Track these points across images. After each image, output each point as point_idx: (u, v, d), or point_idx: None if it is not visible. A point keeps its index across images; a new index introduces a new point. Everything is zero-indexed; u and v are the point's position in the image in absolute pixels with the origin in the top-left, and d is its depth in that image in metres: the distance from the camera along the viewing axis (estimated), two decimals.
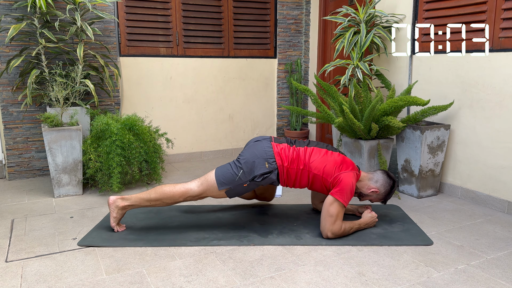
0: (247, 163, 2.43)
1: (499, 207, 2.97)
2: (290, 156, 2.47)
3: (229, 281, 2.00)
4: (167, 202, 2.49)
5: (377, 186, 2.56)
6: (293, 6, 4.80)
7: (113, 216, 2.53)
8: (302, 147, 2.53)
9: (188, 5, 4.26)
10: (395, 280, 2.01)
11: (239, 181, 2.43)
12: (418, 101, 3.02)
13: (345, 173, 2.43)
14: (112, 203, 2.51)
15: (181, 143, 4.50)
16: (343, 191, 2.39)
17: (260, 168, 2.41)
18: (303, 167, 2.47)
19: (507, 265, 2.16)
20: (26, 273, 2.07)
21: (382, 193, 2.57)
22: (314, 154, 2.50)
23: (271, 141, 2.53)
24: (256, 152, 2.46)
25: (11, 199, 3.19)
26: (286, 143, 2.54)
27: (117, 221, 2.54)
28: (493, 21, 2.92)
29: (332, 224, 2.40)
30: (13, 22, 3.53)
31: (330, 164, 2.46)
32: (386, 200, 2.61)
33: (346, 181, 2.40)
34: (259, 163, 2.42)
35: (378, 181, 2.57)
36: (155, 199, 2.47)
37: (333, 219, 2.39)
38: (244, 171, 2.42)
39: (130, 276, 2.04)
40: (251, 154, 2.46)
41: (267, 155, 2.45)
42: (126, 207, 2.51)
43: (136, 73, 4.17)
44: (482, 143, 3.06)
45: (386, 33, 3.48)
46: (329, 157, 2.49)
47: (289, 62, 4.86)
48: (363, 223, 2.58)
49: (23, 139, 3.73)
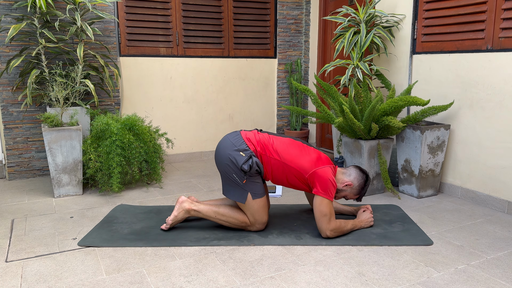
0: (228, 164, 2.43)
1: (499, 207, 2.97)
2: (257, 140, 2.47)
3: (229, 281, 2.00)
4: (231, 222, 2.53)
5: (350, 180, 2.55)
6: (293, 6, 4.80)
7: (174, 214, 2.55)
8: (268, 134, 2.55)
9: (188, 5, 4.26)
10: (395, 280, 2.01)
11: (239, 181, 2.43)
12: (418, 101, 3.02)
13: (321, 169, 2.42)
14: (180, 202, 2.57)
15: (181, 143, 4.50)
16: (325, 187, 2.39)
17: (240, 159, 2.40)
18: (278, 158, 2.44)
19: (507, 265, 2.16)
20: (26, 273, 2.07)
21: (356, 186, 2.55)
22: (281, 142, 2.48)
23: (239, 132, 2.54)
24: (225, 149, 2.45)
25: (11, 199, 3.19)
26: (255, 130, 2.58)
27: (174, 221, 2.56)
28: (493, 21, 2.92)
29: (328, 222, 2.40)
30: (13, 22, 3.53)
31: (305, 158, 2.45)
32: (361, 195, 2.59)
33: (325, 176, 2.40)
34: (235, 156, 2.41)
35: (351, 175, 2.56)
36: (222, 214, 2.53)
37: (327, 218, 2.40)
38: (234, 171, 2.42)
39: (130, 276, 2.04)
40: (221, 154, 2.46)
41: (238, 145, 2.44)
42: (190, 210, 2.55)
43: (136, 73, 4.17)
44: (482, 143, 3.06)
45: (386, 33, 3.48)
46: (304, 151, 2.48)
47: (289, 62, 4.86)
48: (359, 221, 2.59)
49: (23, 139, 3.73)
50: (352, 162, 3.32)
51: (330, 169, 2.46)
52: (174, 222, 2.57)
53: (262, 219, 2.50)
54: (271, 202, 3.15)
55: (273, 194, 3.30)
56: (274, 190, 3.34)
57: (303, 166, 2.44)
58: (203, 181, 3.74)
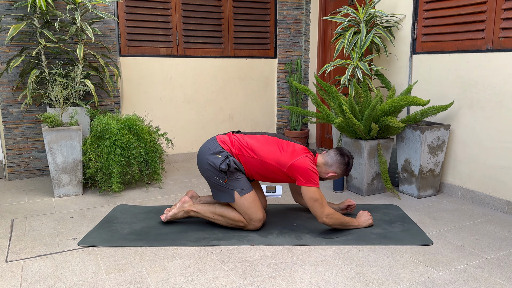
0: (208, 168, 2.48)
1: (499, 207, 2.97)
2: (231, 141, 2.52)
3: (229, 281, 2.00)
4: (228, 222, 2.56)
5: (333, 170, 2.58)
6: (293, 6, 4.80)
7: (174, 212, 2.61)
8: (243, 134, 2.58)
9: (188, 5, 4.26)
10: (395, 280, 2.01)
11: (221, 182, 2.47)
12: (418, 101, 3.02)
13: (297, 161, 2.43)
14: (182, 202, 2.62)
15: (181, 143, 4.50)
16: (307, 176, 2.40)
17: (217, 161, 2.45)
18: (255, 156, 2.47)
19: (507, 265, 2.16)
20: (26, 273, 2.07)
21: (340, 173, 2.60)
22: (256, 141, 2.51)
23: (215, 137, 2.59)
24: (203, 155, 2.52)
25: (11, 199, 3.19)
26: (230, 132, 2.61)
27: (173, 218, 2.62)
28: (493, 21, 2.92)
29: (321, 207, 2.42)
30: (13, 22, 3.53)
31: (281, 153, 2.47)
32: (347, 175, 2.66)
33: (303, 167, 2.41)
34: (212, 159, 2.46)
35: (333, 164, 2.58)
36: (219, 214, 2.55)
37: (319, 202, 2.41)
38: (215, 174, 2.47)
39: (130, 276, 2.04)
40: (201, 160, 2.53)
41: (214, 149, 2.49)
42: (190, 211, 2.61)
43: (136, 73, 4.17)
44: (482, 143, 3.06)
45: (386, 33, 3.48)
46: (279, 146, 2.49)
47: (289, 62, 4.86)
48: (357, 220, 2.61)
49: (23, 139, 3.73)
50: None
51: (307, 158, 2.46)
52: (173, 219, 2.65)
53: (256, 216, 2.50)
54: (271, 202, 3.15)
55: (273, 194, 3.30)
56: (274, 190, 3.34)
57: (280, 161, 2.46)
58: (203, 181, 3.74)
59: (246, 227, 2.54)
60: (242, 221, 2.52)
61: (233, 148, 2.50)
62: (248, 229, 2.55)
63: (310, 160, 2.47)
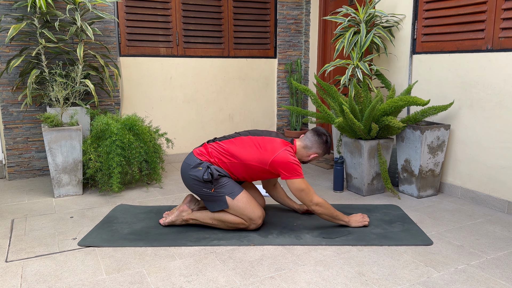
0: (194, 183, 2.50)
1: (499, 207, 2.97)
2: (208, 152, 2.54)
3: (229, 281, 2.00)
4: (229, 226, 2.56)
5: (313, 151, 2.60)
6: (293, 6, 4.80)
7: (172, 220, 2.62)
8: (218, 141, 2.59)
9: (188, 5, 4.26)
10: (395, 280, 2.01)
11: (210, 192, 2.48)
12: (418, 101, 3.02)
13: (277, 156, 2.43)
14: (180, 211, 2.62)
15: (181, 143, 4.50)
16: (289, 169, 2.41)
17: (199, 173, 2.46)
18: (235, 160, 2.49)
19: (507, 265, 2.16)
20: (26, 273, 2.07)
21: (321, 153, 2.63)
22: (233, 145, 2.52)
23: (191, 151, 2.61)
24: (185, 172, 2.54)
25: (11, 199, 3.19)
26: (205, 143, 2.64)
27: (170, 223, 2.64)
28: (493, 21, 2.92)
29: (308, 196, 2.43)
30: (13, 22, 3.53)
31: (260, 152, 2.47)
32: (328, 152, 2.68)
33: (284, 161, 2.42)
34: (194, 172, 2.48)
35: (313, 146, 2.59)
36: (218, 219, 2.55)
37: (305, 192, 2.42)
38: (201, 186, 2.48)
39: (130, 276, 2.04)
40: (185, 177, 2.55)
41: (193, 163, 2.52)
42: (189, 220, 2.61)
43: (136, 73, 4.17)
44: (482, 143, 3.06)
45: (386, 33, 3.48)
46: (257, 145, 2.50)
47: (289, 62, 4.86)
48: (348, 218, 2.61)
49: (23, 139, 3.73)
50: (352, 162, 3.32)
51: (286, 151, 2.46)
52: (170, 225, 2.65)
53: (254, 214, 2.49)
54: (272, 202, 3.15)
55: None
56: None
57: (260, 160, 2.47)
58: None
59: (248, 227, 2.54)
60: (242, 223, 2.51)
61: (212, 158, 2.52)
62: (250, 229, 2.55)
63: (289, 152, 2.47)
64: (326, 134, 2.63)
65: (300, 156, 2.61)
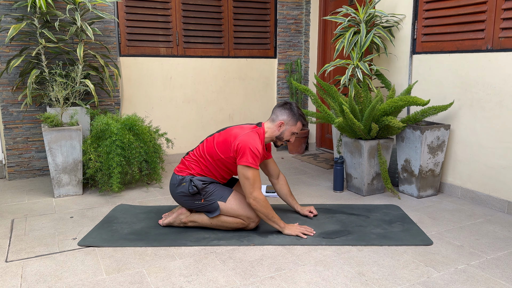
0: (184, 200, 2.54)
1: (499, 207, 2.97)
2: (187, 164, 2.57)
3: (229, 281, 2.00)
4: (228, 226, 2.55)
5: (280, 119, 2.53)
6: (293, 6, 4.80)
7: (170, 221, 2.63)
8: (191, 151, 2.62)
9: (188, 5, 4.26)
10: (395, 280, 2.01)
11: (201, 203, 2.50)
12: (418, 101, 3.02)
13: (239, 139, 2.39)
14: (179, 214, 2.62)
15: (181, 143, 4.50)
16: (244, 155, 2.35)
17: (184, 188, 2.50)
18: (211, 160, 2.49)
19: (507, 265, 2.16)
20: (26, 273, 2.07)
21: (287, 119, 2.53)
22: (209, 144, 2.52)
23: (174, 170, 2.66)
24: (173, 192, 2.57)
25: (11, 199, 3.19)
26: (182, 158, 2.65)
27: (168, 224, 2.64)
28: (493, 21, 2.92)
29: (250, 187, 2.37)
30: (13, 22, 3.53)
31: (228, 142, 2.44)
32: (301, 121, 2.56)
33: (243, 144, 2.36)
34: (180, 189, 2.52)
35: (277, 116, 2.54)
36: (217, 220, 2.54)
37: (250, 182, 2.36)
38: (191, 199, 2.51)
39: (130, 276, 2.04)
40: (175, 197, 2.59)
41: (176, 181, 2.55)
42: (187, 222, 2.61)
43: (136, 73, 4.17)
44: (482, 143, 3.06)
45: (386, 33, 3.48)
46: (227, 137, 2.46)
47: (289, 62, 4.86)
48: (285, 224, 2.51)
49: (23, 139, 3.73)
50: (352, 162, 3.32)
51: (249, 134, 2.41)
52: (167, 224, 2.66)
53: (251, 213, 2.49)
54: (272, 202, 3.14)
55: (273, 194, 3.30)
56: (273, 190, 3.34)
57: (228, 149, 2.44)
58: None
59: (248, 226, 2.54)
60: (241, 223, 2.51)
61: (191, 170, 2.53)
62: (250, 228, 2.55)
63: (252, 135, 2.41)
64: (290, 102, 2.57)
65: (271, 132, 2.54)
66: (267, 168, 2.79)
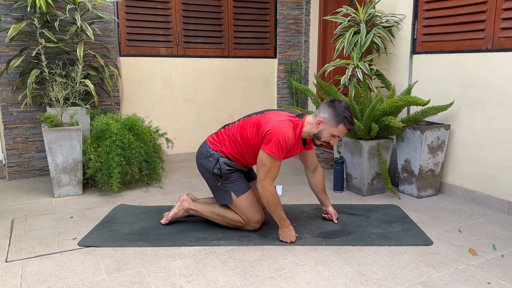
0: (204, 172, 2.51)
1: (499, 207, 2.97)
2: (221, 139, 2.49)
3: (229, 281, 2.00)
4: (227, 222, 2.55)
5: (320, 117, 2.30)
6: (293, 6, 4.80)
7: (174, 211, 2.61)
8: (227, 126, 2.53)
9: (188, 5, 4.26)
10: (395, 280, 2.01)
11: (217, 184, 2.49)
12: (418, 101, 3.02)
13: (270, 126, 2.24)
14: (181, 201, 2.62)
15: (181, 143, 4.50)
16: (269, 142, 2.23)
17: (209, 164, 2.46)
18: (241, 142, 2.40)
19: (507, 265, 2.16)
20: (26, 273, 2.07)
21: (329, 119, 2.29)
22: (242, 124, 2.42)
23: (206, 138, 2.58)
24: (199, 160, 2.54)
25: (11, 199, 3.19)
26: (219, 129, 2.57)
27: (174, 218, 2.62)
28: (493, 21, 2.92)
29: (264, 174, 2.27)
30: (13, 22, 3.53)
31: (257, 125, 2.33)
32: (346, 126, 2.30)
33: (272, 133, 2.22)
34: (206, 162, 2.48)
35: (320, 112, 2.31)
36: (218, 214, 2.55)
37: (265, 169, 2.26)
38: (210, 177, 2.49)
39: (130, 276, 2.04)
40: (198, 164, 2.56)
41: (206, 152, 2.49)
42: (190, 210, 2.61)
43: (136, 73, 4.17)
44: (482, 143, 3.06)
45: (386, 33, 3.48)
46: (256, 119, 2.35)
47: (289, 62, 4.86)
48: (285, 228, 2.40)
49: (23, 139, 3.73)
50: (352, 162, 3.32)
51: (282, 122, 2.24)
52: (174, 219, 2.65)
53: (254, 218, 2.49)
54: None
55: None
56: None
57: (257, 134, 2.32)
58: (203, 181, 3.74)
59: (245, 227, 2.54)
60: (240, 222, 2.52)
61: (223, 146, 2.47)
62: (246, 229, 2.55)
63: (285, 124, 2.24)
64: (340, 100, 2.31)
65: (309, 128, 2.34)
66: (305, 158, 2.63)
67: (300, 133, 2.34)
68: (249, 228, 2.53)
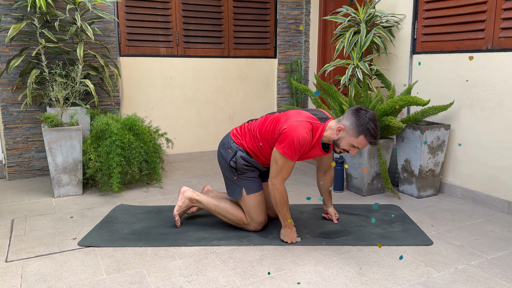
0: (221, 161, 2.53)
1: (499, 207, 2.97)
2: (243, 133, 2.49)
3: (229, 281, 2.00)
4: (229, 218, 2.55)
5: (342, 124, 2.19)
6: (293, 6, 4.80)
7: (178, 205, 2.61)
8: (251, 121, 2.52)
9: (188, 5, 4.26)
10: (395, 280, 2.01)
11: (232, 178, 2.50)
12: (418, 101, 3.02)
13: (287, 124, 2.20)
14: (182, 192, 2.62)
15: (181, 143, 4.50)
16: (284, 141, 2.19)
17: (227, 155, 2.48)
18: (260, 138, 2.37)
19: (507, 265, 2.16)
20: (26, 273, 2.07)
21: (350, 128, 2.17)
22: (264, 120, 2.39)
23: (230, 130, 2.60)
24: (219, 148, 2.57)
25: (11, 199, 3.19)
26: (244, 123, 2.58)
27: (180, 211, 2.61)
28: (493, 21, 2.92)
29: (275, 172, 2.26)
30: (13, 22, 3.53)
31: (275, 121, 2.31)
32: (367, 139, 2.16)
33: (288, 132, 2.18)
34: (225, 153, 2.50)
35: (343, 119, 2.20)
36: (221, 208, 2.55)
37: (277, 168, 2.25)
38: (226, 168, 2.51)
39: (130, 276, 2.04)
40: (218, 154, 2.59)
41: (227, 143, 2.51)
42: (193, 199, 2.59)
43: (136, 73, 4.17)
44: (482, 143, 3.06)
45: (386, 33, 3.48)
46: (278, 117, 2.33)
47: (289, 62, 4.86)
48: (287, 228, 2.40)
49: (23, 139, 3.73)
50: (352, 162, 3.32)
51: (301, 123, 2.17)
52: (181, 213, 2.63)
53: (258, 219, 2.49)
54: None
55: None
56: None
57: (275, 131, 2.29)
58: (203, 181, 3.74)
59: (247, 226, 2.54)
60: (243, 221, 2.52)
61: (243, 140, 2.47)
62: (248, 229, 2.55)
63: (304, 126, 2.18)
64: (366, 109, 2.17)
65: (330, 134, 2.24)
66: (320, 159, 2.60)
67: (320, 137, 2.27)
68: (251, 228, 2.53)
